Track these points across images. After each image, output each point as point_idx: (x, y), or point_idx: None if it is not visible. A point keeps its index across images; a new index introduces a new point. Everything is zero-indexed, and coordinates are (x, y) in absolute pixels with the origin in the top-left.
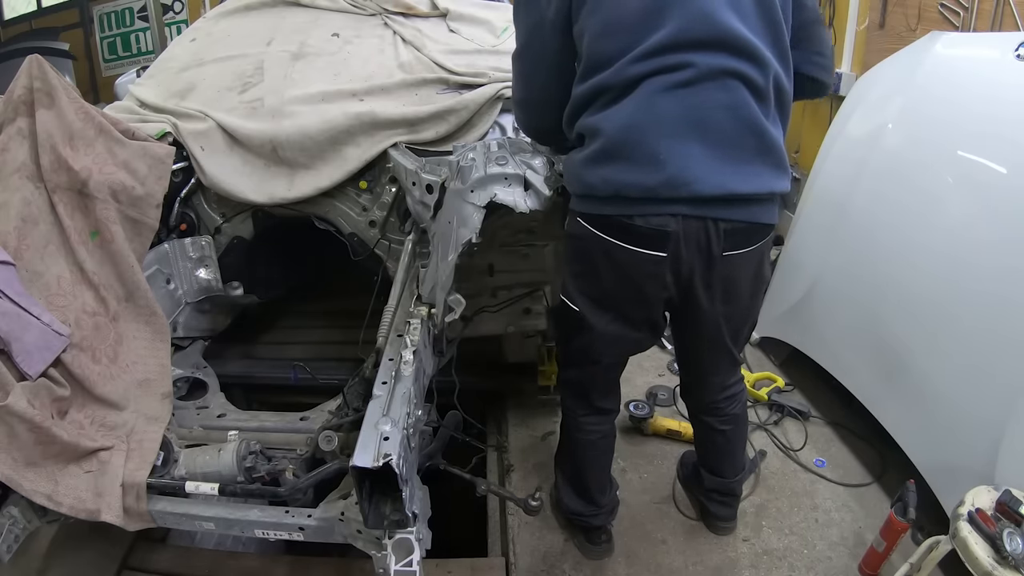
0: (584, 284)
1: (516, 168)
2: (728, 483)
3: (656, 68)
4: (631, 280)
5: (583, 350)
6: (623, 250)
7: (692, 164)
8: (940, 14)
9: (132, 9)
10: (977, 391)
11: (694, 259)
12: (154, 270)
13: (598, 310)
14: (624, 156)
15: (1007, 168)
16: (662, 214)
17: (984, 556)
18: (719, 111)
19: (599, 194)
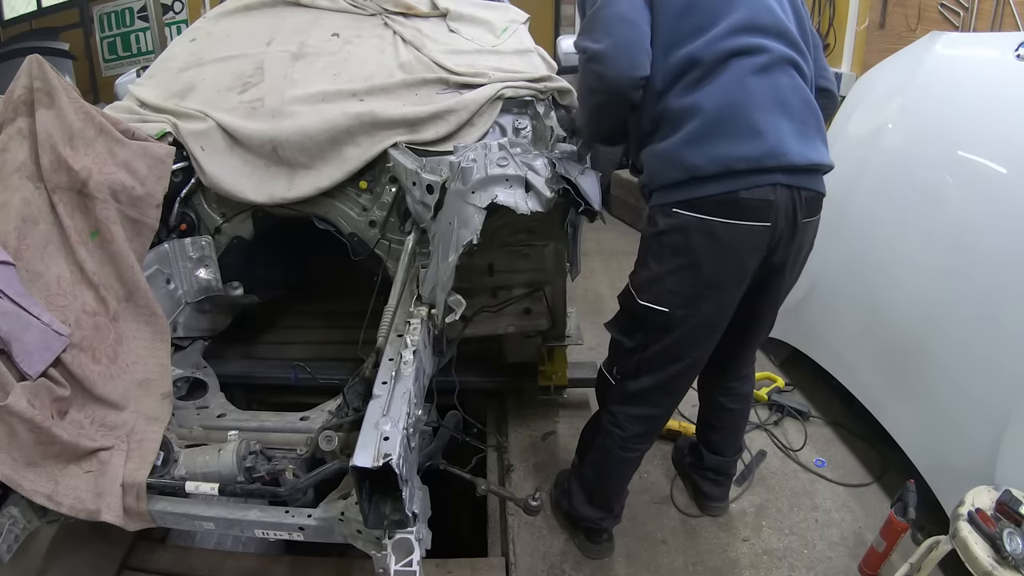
0: (679, 280)
1: (517, 169)
2: (726, 461)
3: (740, 48)
4: (735, 257)
5: (667, 352)
6: (729, 227)
7: (784, 137)
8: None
9: (132, 9)
10: (977, 391)
11: (784, 227)
12: (154, 270)
13: (693, 303)
14: (727, 132)
15: (1007, 168)
16: (764, 184)
17: (984, 556)
18: (791, 93)
19: (705, 173)
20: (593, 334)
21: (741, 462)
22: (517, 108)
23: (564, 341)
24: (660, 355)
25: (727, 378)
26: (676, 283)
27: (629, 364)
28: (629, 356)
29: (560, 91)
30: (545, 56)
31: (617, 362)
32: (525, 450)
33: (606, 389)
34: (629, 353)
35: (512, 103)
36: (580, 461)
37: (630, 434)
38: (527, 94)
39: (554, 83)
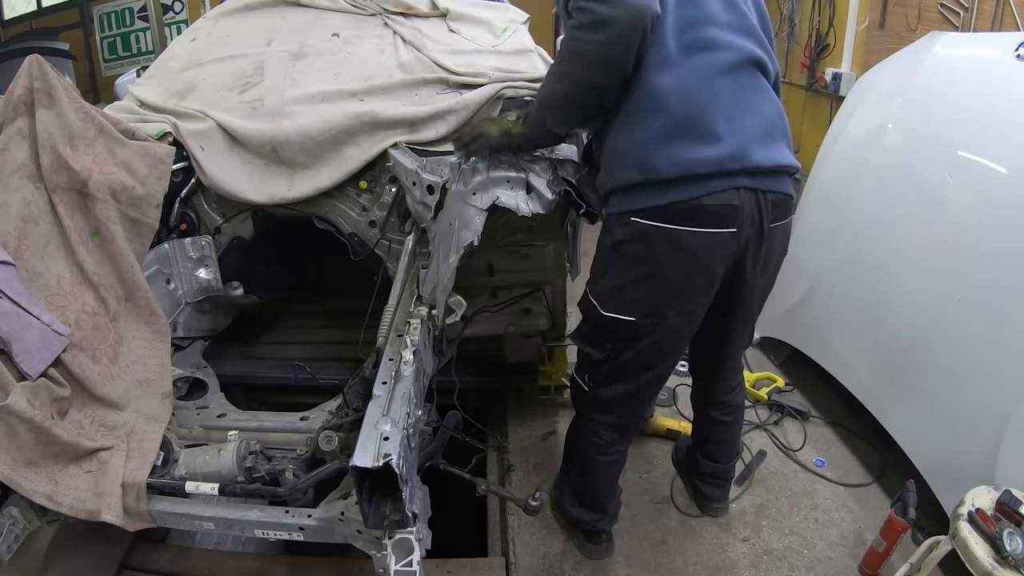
0: (643, 290)
1: (518, 171)
2: (723, 467)
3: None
4: (701, 266)
5: (638, 360)
6: (694, 235)
7: (747, 139)
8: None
9: (132, 9)
10: (977, 391)
11: (751, 232)
12: (154, 270)
13: (660, 312)
14: (689, 133)
15: (1007, 168)
16: (728, 189)
17: (984, 556)
18: (755, 94)
19: (664, 177)
20: None
21: (741, 462)
22: (517, 108)
23: (564, 341)
24: (631, 363)
25: (717, 392)
26: (640, 293)
27: (600, 373)
28: (599, 366)
29: None
30: (545, 56)
31: (588, 371)
32: (525, 450)
33: (581, 396)
34: (598, 364)
35: (512, 103)
36: (567, 466)
37: (606, 441)
38: (527, 94)
39: None
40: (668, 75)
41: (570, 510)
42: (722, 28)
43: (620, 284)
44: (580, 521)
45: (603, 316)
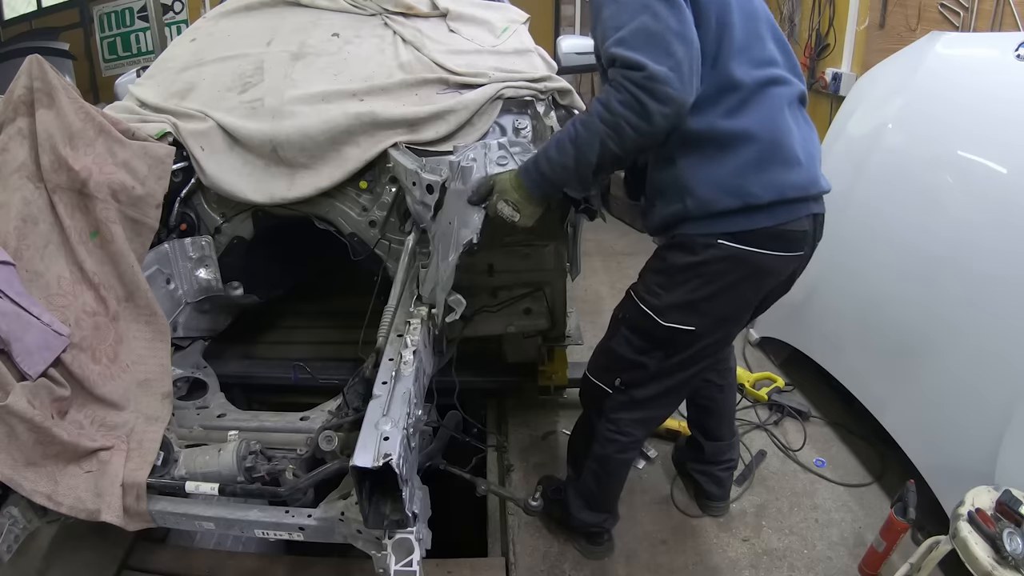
0: (713, 305)
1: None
2: (725, 445)
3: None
4: (768, 284)
5: (686, 362)
6: (773, 258)
7: (813, 165)
8: (940, 14)
9: (132, 9)
10: (977, 391)
11: (808, 254)
12: (154, 270)
13: (722, 323)
14: (778, 157)
15: (1007, 168)
16: (804, 215)
17: (984, 556)
18: (808, 125)
19: (759, 202)
20: (593, 334)
21: (741, 462)
22: (517, 108)
23: (564, 341)
24: (677, 366)
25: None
26: (709, 307)
27: (639, 376)
28: (641, 369)
29: (560, 91)
30: (545, 56)
31: (622, 374)
32: (525, 450)
33: (602, 398)
34: (642, 366)
35: (512, 103)
36: (576, 473)
37: (631, 438)
38: (527, 94)
39: (554, 83)
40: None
41: (577, 515)
42: (781, 68)
43: (690, 300)
44: (588, 525)
45: (663, 327)
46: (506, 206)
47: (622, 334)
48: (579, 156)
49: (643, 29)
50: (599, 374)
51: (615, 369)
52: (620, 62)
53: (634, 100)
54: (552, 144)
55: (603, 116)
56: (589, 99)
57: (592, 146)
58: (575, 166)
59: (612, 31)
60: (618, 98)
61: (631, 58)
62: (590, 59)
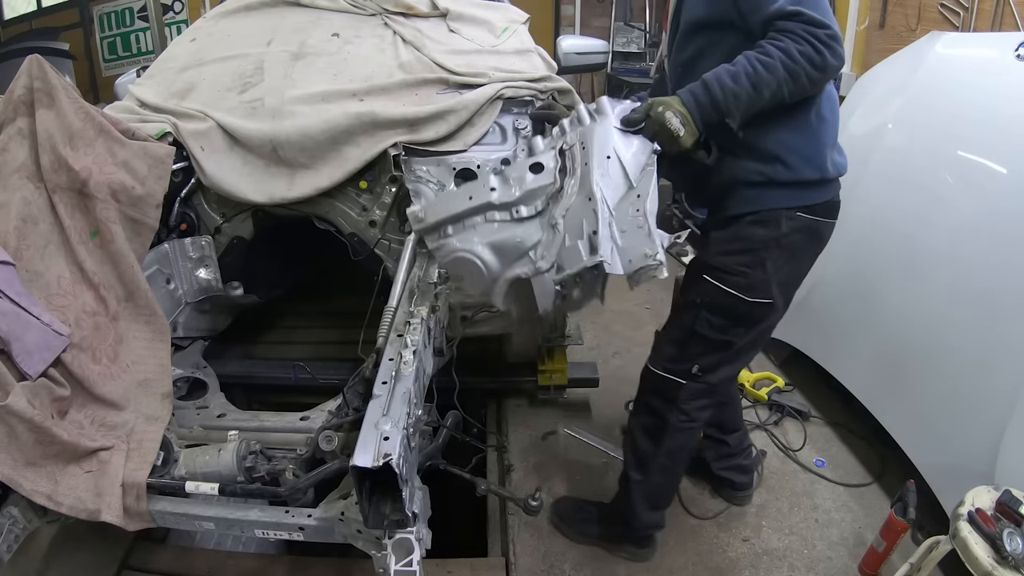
0: (787, 273)
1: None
2: (744, 433)
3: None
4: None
5: (756, 339)
6: (829, 227)
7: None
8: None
9: (132, 9)
10: (977, 391)
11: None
12: (154, 270)
13: (790, 292)
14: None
15: (1007, 168)
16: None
17: (984, 556)
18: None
19: (829, 176)
20: (593, 334)
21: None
22: (517, 108)
23: (564, 341)
24: (749, 344)
25: None
26: (784, 276)
27: (715, 359)
28: (718, 350)
29: (560, 91)
30: (545, 56)
31: (700, 360)
32: (525, 450)
33: (675, 390)
34: (721, 347)
35: (512, 103)
36: (643, 474)
37: (700, 425)
38: (527, 94)
39: (554, 83)
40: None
41: (641, 517)
42: None
43: (773, 272)
44: (650, 526)
45: (747, 303)
46: (674, 117)
47: (703, 318)
48: (754, 91)
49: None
50: (671, 366)
51: (693, 356)
52: (804, 18)
53: (815, 53)
54: (725, 75)
55: (785, 63)
56: (589, 99)
57: (769, 85)
58: (747, 100)
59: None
60: (799, 49)
61: (816, 17)
62: (590, 59)
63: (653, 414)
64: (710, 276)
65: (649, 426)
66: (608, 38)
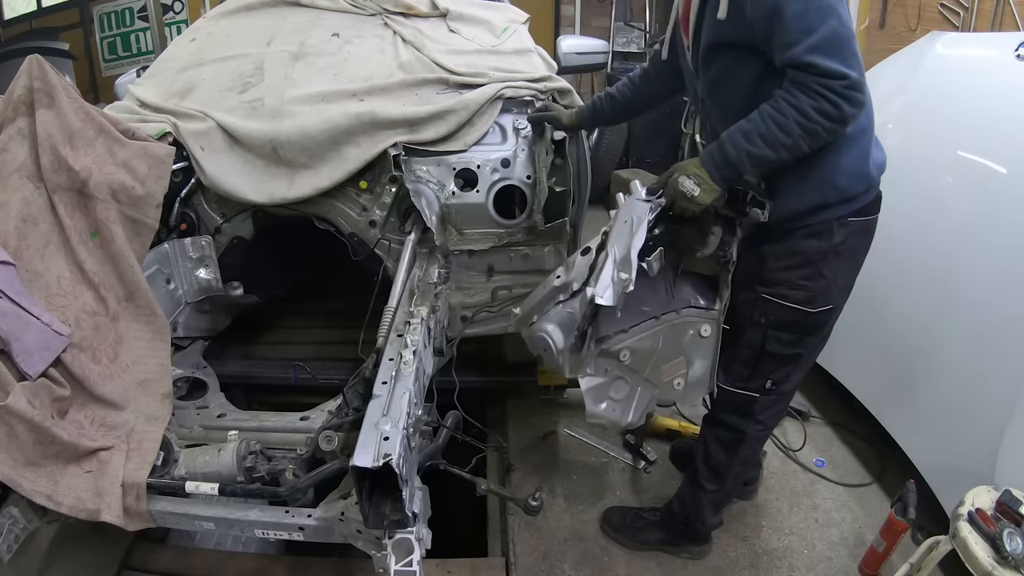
0: (845, 277)
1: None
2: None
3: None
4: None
5: (821, 343)
6: (875, 220)
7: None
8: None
9: (132, 9)
10: (977, 391)
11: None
12: (154, 270)
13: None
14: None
15: (1007, 168)
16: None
17: (984, 556)
18: None
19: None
20: None
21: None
22: (517, 108)
23: None
24: (816, 348)
25: None
26: (843, 280)
27: (787, 371)
28: (789, 363)
29: (560, 91)
30: (545, 56)
31: (771, 374)
32: (525, 450)
33: (751, 404)
34: (791, 360)
35: (512, 103)
36: (718, 485)
37: (773, 426)
38: (527, 94)
39: (554, 83)
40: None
41: (708, 521)
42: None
43: (832, 279)
44: (714, 527)
45: (812, 314)
46: (687, 180)
47: (772, 336)
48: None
49: (835, 34)
50: (744, 383)
51: (766, 372)
52: (817, 70)
53: (832, 107)
54: (739, 135)
55: (799, 121)
56: (588, 99)
57: (784, 144)
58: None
59: (801, 34)
60: (814, 105)
61: (832, 68)
62: (590, 59)
63: (730, 428)
64: (771, 294)
65: (725, 439)
66: (608, 38)
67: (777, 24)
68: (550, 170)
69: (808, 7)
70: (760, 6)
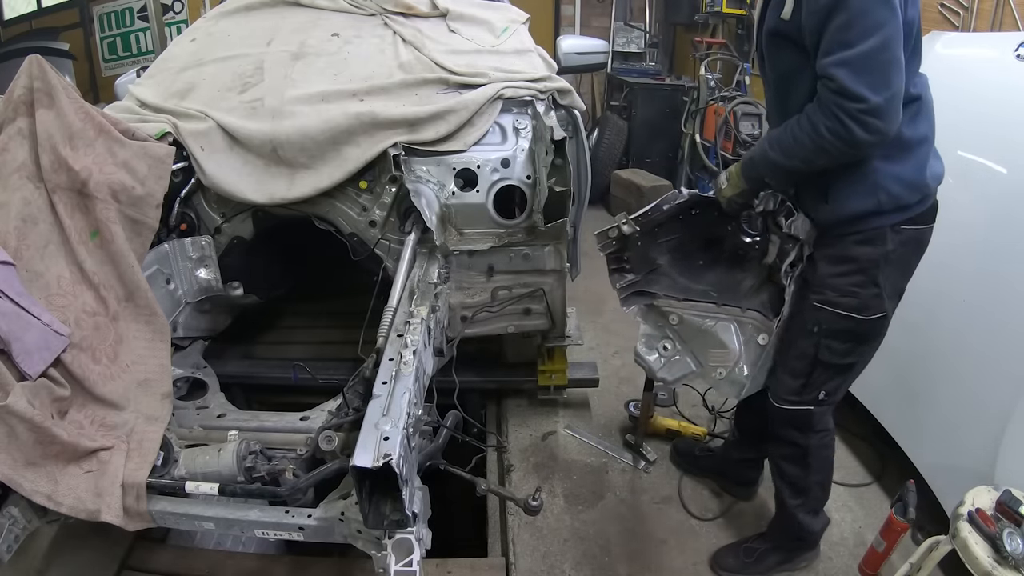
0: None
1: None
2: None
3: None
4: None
5: (872, 350)
6: (930, 231)
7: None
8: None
9: (132, 9)
10: (977, 391)
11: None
12: (154, 270)
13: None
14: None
15: (1007, 168)
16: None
17: (984, 556)
18: None
19: (930, 191)
20: (593, 334)
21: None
22: (517, 108)
23: (564, 341)
24: (869, 357)
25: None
26: (893, 287)
27: (839, 380)
28: (842, 373)
29: (560, 91)
30: (545, 56)
31: (824, 385)
32: (525, 450)
33: (807, 418)
34: (844, 370)
35: (512, 103)
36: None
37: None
38: (527, 94)
39: (554, 83)
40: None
41: (811, 528)
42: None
43: (884, 286)
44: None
45: (866, 322)
46: (722, 174)
47: (825, 345)
48: (787, 160)
49: (871, 55)
50: (798, 398)
51: (819, 384)
52: (836, 87)
53: (843, 129)
54: (765, 141)
55: (812, 137)
56: (589, 99)
57: (797, 155)
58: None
59: (837, 46)
60: (827, 124)
61: (849, 87)
62: (590, 59)
63: (792, 444)
64: (822, 302)
65: (791, 455)
66: (608, 38)
67: (823, 32)
68: (550, 170)
69: (854, 22)
70: (813, 14)
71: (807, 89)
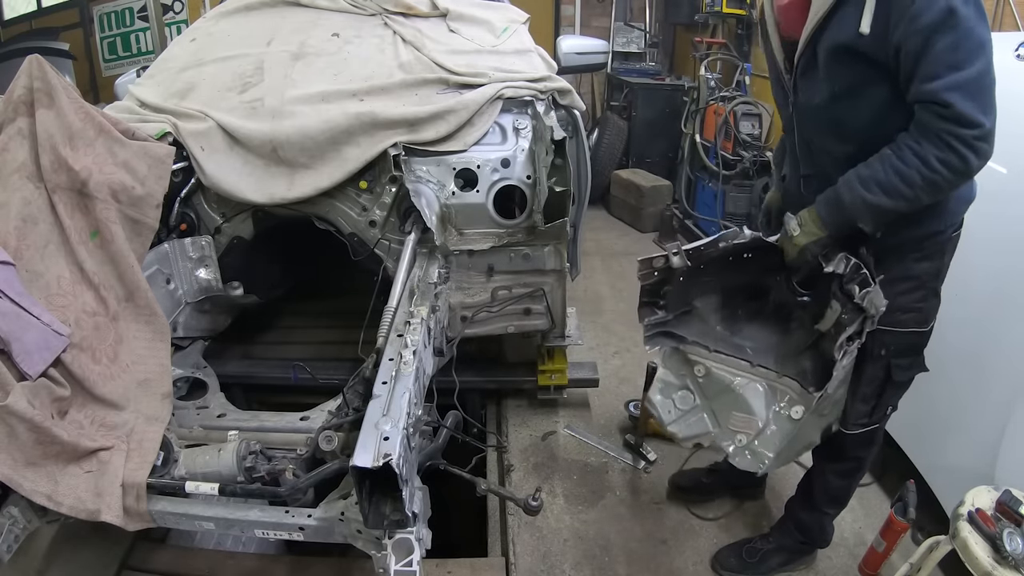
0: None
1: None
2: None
3: None
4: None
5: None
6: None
7: None
8: None
9: (132, 9)
10: (977, 391)
11: None
12: (154, 270)
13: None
14: None
15: (1007, 168)
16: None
17: (984, 556)
18: None
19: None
20: (593, 334)
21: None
22: (517, 108)
23: (564, 341)
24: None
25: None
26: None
27: (901, 393)
28: (908, 384)
29: (560, 91)
30: (545, 56)
31: (892, 400)
32: (525, 450)
33: (875, 434)
34: (910, 381)
35: (512, 103)
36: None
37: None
38: (527, 94)
39: (554, 83)
40: None
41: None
42: None
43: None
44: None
45: (926, 333)
46: (792, 219)
47: (895, 365)
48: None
49: (982, 78)
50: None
51: (888, 401)
52: (952, 115)
53: (958, 159)
54: (856, 181)
55: (923, 172)
56: (589, 99)
57: (904, 194)
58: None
59: (947, 70)
60: (939, 156)
61: (966, 113)
62: (590, 59)
63: (854, 459)
64: (888, 324)
65: (846, 470)
66: (608, 38)
67: (924, 53)
68: (550, 170)
69: (962, 42)
70: (913, 34)
71: (873, 110)
